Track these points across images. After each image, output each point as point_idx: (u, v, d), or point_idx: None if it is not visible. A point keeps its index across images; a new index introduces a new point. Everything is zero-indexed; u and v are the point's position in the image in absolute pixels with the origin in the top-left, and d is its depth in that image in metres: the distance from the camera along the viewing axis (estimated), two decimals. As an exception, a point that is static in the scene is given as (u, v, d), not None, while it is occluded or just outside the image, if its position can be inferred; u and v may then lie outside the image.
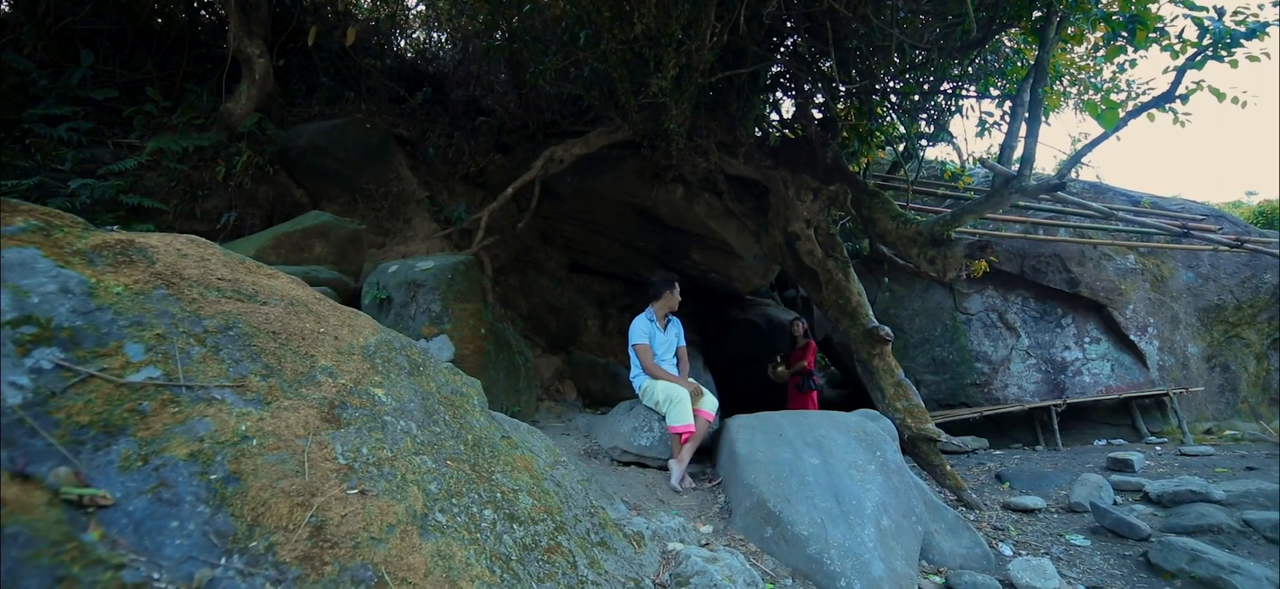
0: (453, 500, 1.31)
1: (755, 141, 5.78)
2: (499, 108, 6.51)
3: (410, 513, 1.14)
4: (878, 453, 3.20)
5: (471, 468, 1.48)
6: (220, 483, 0.89)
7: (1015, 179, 4.01)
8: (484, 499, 1.40)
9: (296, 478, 0.99)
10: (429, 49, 7.05)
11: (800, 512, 2.74)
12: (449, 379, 1.74)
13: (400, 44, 7.17)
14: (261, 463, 0.97)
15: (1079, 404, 6.39)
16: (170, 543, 0.77)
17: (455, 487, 1.35)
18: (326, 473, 1.05)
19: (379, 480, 1.15)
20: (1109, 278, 6.79)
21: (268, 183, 4.37)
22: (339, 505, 1.01)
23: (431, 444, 1.42)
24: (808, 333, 6.53)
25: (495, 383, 3.60)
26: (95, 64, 4.27)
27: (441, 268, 3.50)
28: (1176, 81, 2.99)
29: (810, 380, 6.19)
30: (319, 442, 1.10)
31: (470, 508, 1.34)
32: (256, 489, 0.92)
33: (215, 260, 1.33)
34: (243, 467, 0.94)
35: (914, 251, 4.73)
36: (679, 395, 3.49)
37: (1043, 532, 3.55)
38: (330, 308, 1.56)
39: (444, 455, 1.42)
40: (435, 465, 1.35)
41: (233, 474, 0.92)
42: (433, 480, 1.30)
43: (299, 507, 0.95)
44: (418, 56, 6.90)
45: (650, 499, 3.18)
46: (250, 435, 1.00)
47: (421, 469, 1.30)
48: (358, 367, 1.43)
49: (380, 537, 1.03)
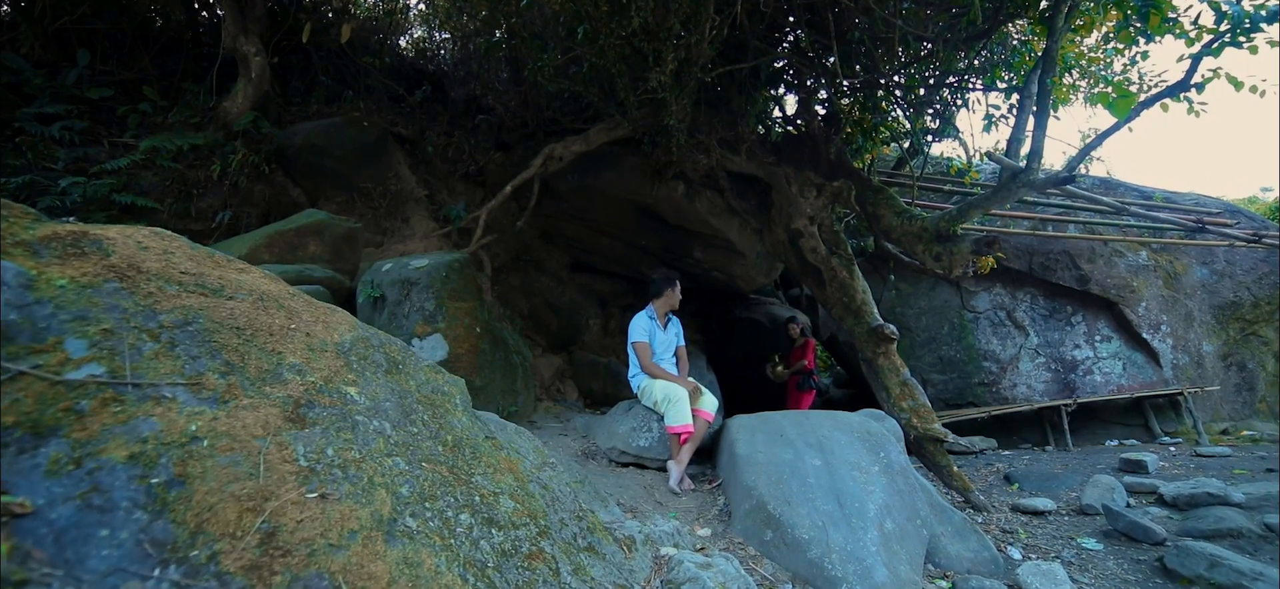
0: (426, 504, 1.24)
1: (757, 138, 5.70)
2: (499, 106, 6.47)
3: (376, 518, 1.08)
4: (881, 454, 3.11)
5: (449, 470, 1.41)
6: (162, 487, 0.83)
7: (1023, 173, 3.90)
8: (461, 503, 1.34)
9: (250, 481, 0.93)
10: (429, 48, 7.01)
11: (801, 514, 2.66)
12: (430, 378, 1.68)
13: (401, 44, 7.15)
14: (211, 465, 0.91)
15: (1090, 404, 6.25)
16: (96, 554, 0.71)
17: (429, 490, 1.29)
18: (284, 475, 0.99)
19: (343, 483, 1.08)
20: (1120, 275, 6.64)
21: (264, 182, 4.34)
22: (295, 510, 0.95)
23: (406, 445, 1.36)
24: (805, 331, 6.43)
25: (491, 382, 3.55)
26: (93, 64, 4.26)
27: (436, 266, 3.45)
28: (1192, 69, 2.89)
29: (810, 379, 6.10)
30: (279, 442, 1.04)
31: (445, 512, 1.28)
32: (203, 493, 0.86)
33: (180, 254, 1.28)
34: (190, 469, 0.88)
35: (919, 248, 4.63)
36: (677, 395, 3.42)
37: (1053, 535, 3.45)
38: (304, 304, 1.50)
39: (419, 457, 1.36)
40: (408, 468, 1.29)
41: (177, 477, 0.86)
42: (404, 483, 1.23)
43: (250, 511, 0.89)
44: (417, 55, 6.87)
45: (648, 501, 3.10)
46: (201, 436, 0.94)
47: (392, 472, 1.23)
48: (330, 364, 1.37)
49: (340, 543, 0.97)
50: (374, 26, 6.57)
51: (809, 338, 6.40)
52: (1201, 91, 2.99)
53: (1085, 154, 3.66)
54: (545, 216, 6.67)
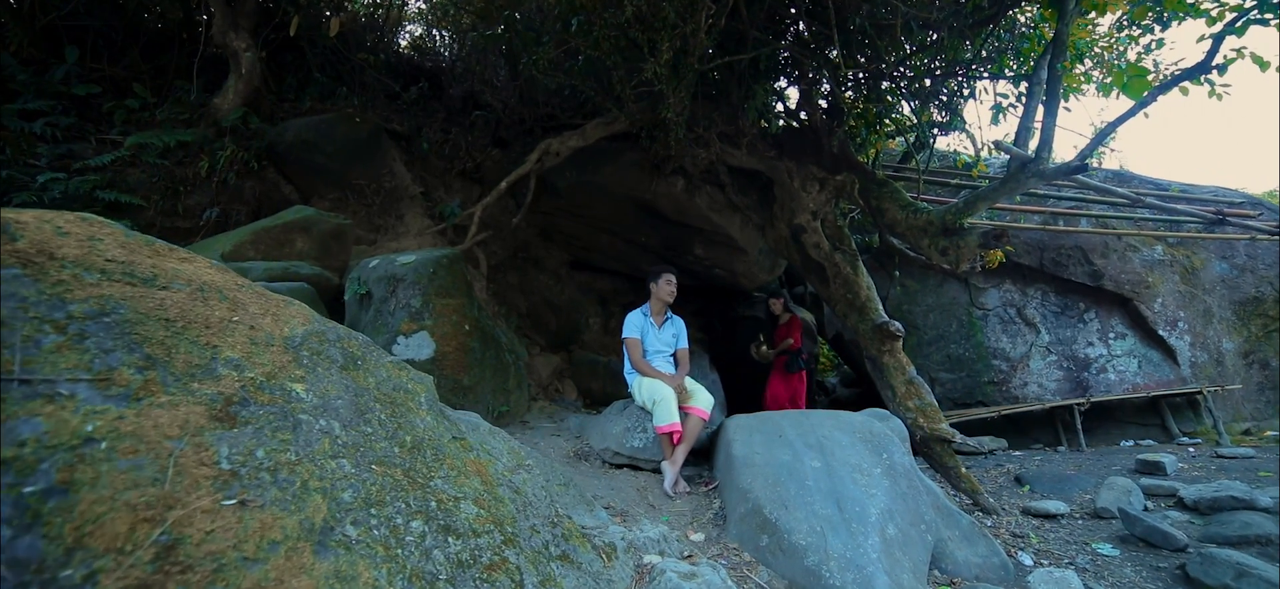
0: (371, 511, 1.14)
1: (758, 132, 5.57)
2: (496, 102, 6.39)
3: (305, 526, 0.97)
4: (884, 455, 2.98)
5: (404, 473, 1.31)
6: (37, 497, 0.73)
7: (1032, 162, 3.75)
8: (413, 509, 1.23)
9: (153, 487, 0.83)
10: (426, 44, 6.95)
11: (798, 519, 2.54)
12: (392, 375, 1.58)
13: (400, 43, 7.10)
14: (107, 471, 0.81)
15: (1104, 403, 6.06)
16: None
17: (377, 495, 1.18)
18: (198, 481, 0.89)
19: (270, 488, 0.98)
20: (1135, 270, 6.44)
21: (254, 179, 4.28)
22: (205, 520, 0.85)
23: (357, 447, 1.26)
24: (789, 306, 6.09)
25: (481, 381, 3.46)
26: (84, 61, 4.22)
27: (423, 262, 3.36)
28: (1213, 49, 2.73)
29: (799, 359, 5.73)
30: (198, 444, 0.94)
31: (394, 519, 1.17)
32: (89, 503, 0.76)
33: (109, 241, 1.18)
34: (78, 476, 0.78)
35: (925, 242, 4.49)
36: (663, 394, 3.30)
37: (1066, 539, 3.29)
38: (253, 296, 1.41)
39: (371, 459, 1.26)
40: (355, 471, 1.19)
41: (60, 485, 0.76)
42: (348, 488, 1.13)
43: (146, 522, 0.79)
44: (414, 51, 6.81)
45: (640, 504, 2.99)
46: (98, 437, 0.84)
47: (335, 475, 1.13)
48: (275, 359, 1.27)
49: (256, 556, 0.87)
50: (369, 23, 6.51)
51: (794, 314, 6.01)
52: (1223, 73, 2.83)
53: (1099, 142, 3.50)
54: (543, 214, 6.59)
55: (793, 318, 5.93)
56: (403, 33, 7.06)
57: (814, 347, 8.52)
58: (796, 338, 5.77)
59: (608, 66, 4.58)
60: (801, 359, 5.73)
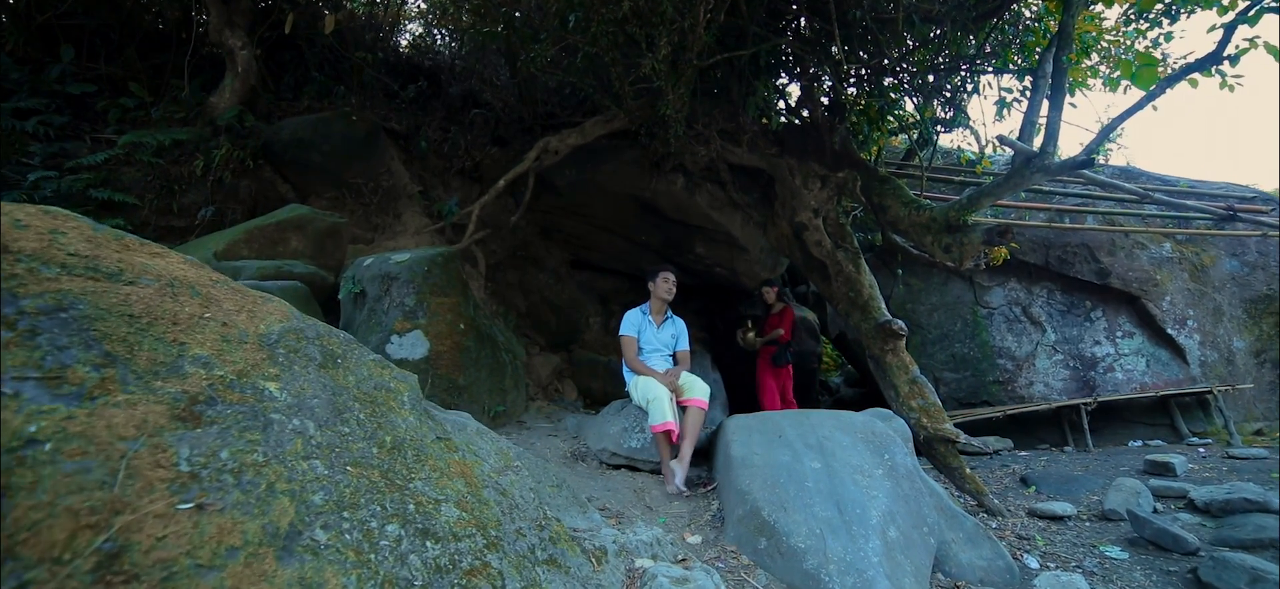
0: (344, 514, 1.09)
1: (759, 129, 5.51)
2: (496, 101, 6.36)
3: (269, 531, 0.93)
4: (886, 456, 2.92)
5: (382, 475, 1.26)
6: (-32, 501, 0.69)
7: (1037, 157, 3.68)
8: (390, 512, 1.18)
9: (100, 492, 0.79)
10: (425, 43, 6.92)
11: (797, 521, 2.48)
12: (374, 373, 1.53)
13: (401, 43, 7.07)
14: (49, 474, 0.77)
15: (1111, 403, 5.96)
16: None
17: (351, 498, 1.13)
18: (152, 483, 0.84)
19: (233, 491, 0.94)
20: (1143, 268, 6.34)
21: (250, 177, 4.25)
22: (156, 525, 0.80)
23: (332, 447, 1.21)
24: (784, 296, 5.81)
25: (476, 381, 3.41)
26: (80, 60, 4.21)
27: (417, 260, 3.32)
28: (1225, 38, 2.66)
29: (787, 352, 5.45)
30: (155, 445, 0.89)
31: (368, 523, 1.12)
32: (25, 510, 0.72)
33: (73, 235, 1.14)
34: (15, 480, 0.73)
35: (928, 239, 4.41)
36: (656, 393, 3.25)
37: (1073, 542, 3.22)
38: (229, 292, 1.36)
39: (346, 460, 1.21)
40: (329, 472, 1.14)
41: (-5, 488, 0.72)
42: (319, 490, 1.08)
43: (88, 529, 0.74)
44: (413, 51, 6.78)
45: (637, 506, 2.94)
46: (42, 439, 0.79)
47: (306, 477, 1.08)
48: (248, 357, 1.23)
49: (211, 563, 0.82)
50: (367, 23, 6.49)
51: (788, 305, 5.75)
52: (1235, 64, 2.76)
53: (1105, 135, 3.43)
54: (543, 212, 6.54)
55: (785, 309, 5.69)
56: (403, 32, 7.03)
57: (816, 346, 8.44)
58: (787, 329, 5.51)
59: (606, 63, 4.53)
60: (789, 352, 5.48)
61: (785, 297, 5.73)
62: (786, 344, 5.48)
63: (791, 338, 5.51)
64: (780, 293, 5.73)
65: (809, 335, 8.00)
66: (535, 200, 6.40)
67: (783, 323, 5.55)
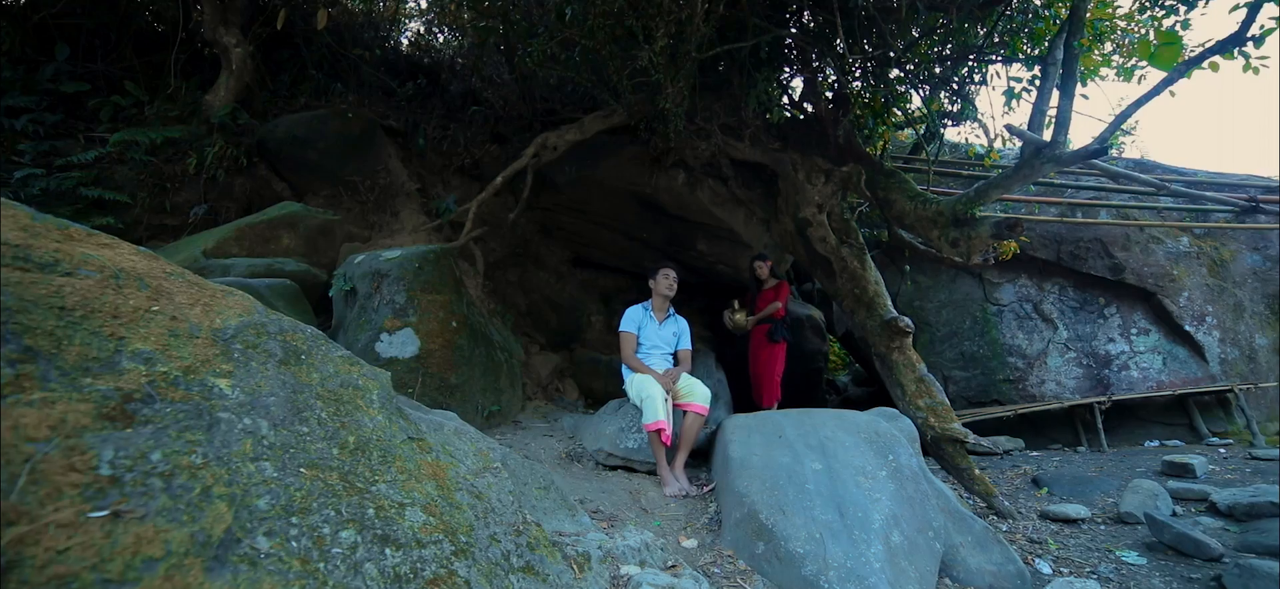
0: (292, 520, 1.02)
1: (762, 123, 5.40)
2: (496, 98, 6.30)
3: (198, 539, 0.85)
4: (890, 457, 2.81)
5: (341, 477, 1.18)
6: None
7: (1048, 147, 3.55)
8: (345, 517, 1.10)
9: (-1, 497, 0.71)
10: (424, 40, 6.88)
11: (796, 525, 2.38)
12: (341, 371, 1.45)
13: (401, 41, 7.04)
14: (-61, 477, 0.69)
15: (1126, 401, 5.79)
16: None
17: (302, 502, 1.06)
18: (61, 488, 0.77)
19: (159, 496, 0.86)
20: (1159, 263, 6.15)
21: (245, 175, 4.21)
22: (60, 535, 0.73)
23: (286, 447, 1.14)
24: (776, 272, 5.24)
25: (469, 380, 3.34)
26: (76, 60, 4.19)
27: (408, 257, 3.26)
28: (1250, 17, 2.52)
29: (782, 329, 4.89)
30: (71, 447, 0.82)
31: (319, 529, 1.05)
32: (-97, 516, 0.64)
33: (8, 224, 1.07)
34: (-104, 483, 0.66)
35: (935, 233, 4.29)
36: (651, 391, 3.16)
37: (1087, 546, 3.09)
38: (184, 285, 1.29)
39: (300, 462, 1.13)
40: (278, 475, 1.06)
41: None
42: (264, 494, 1.01)
43: (-22, 540, 0.67)
44: (413, 48, 6.74)
45: (631, 508, 2.85)
46: (-65, 438, 0.72)
47: (250, 479, 1.01)
48: (199, 352, 1.16)
49: (122, 577, 0.75)
50: (367, 21, 6.46)
51: (783, 280, 5.13)
52: (1260, 45, 2.62)
53: (1121, 121, 3.30)
54: (544, 210, 6.48)
55: (781, 283, 5.08)
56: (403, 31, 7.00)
57: (822, 344, 8.29)
58: (784, 304, 4.96)
59: (603, 57, 4.46)
60: (785, 329, 4.91)
61: (778, 272, 5.17)
62: (781, 321, 4.92)
63: (786, 315, 4.94)
64: (773, 268, 5.16)
65: (815, 334, 7.88)
66: (535, 198, 6.34)
67: (778, 296, 5.00)
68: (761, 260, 5.26)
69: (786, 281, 5.06)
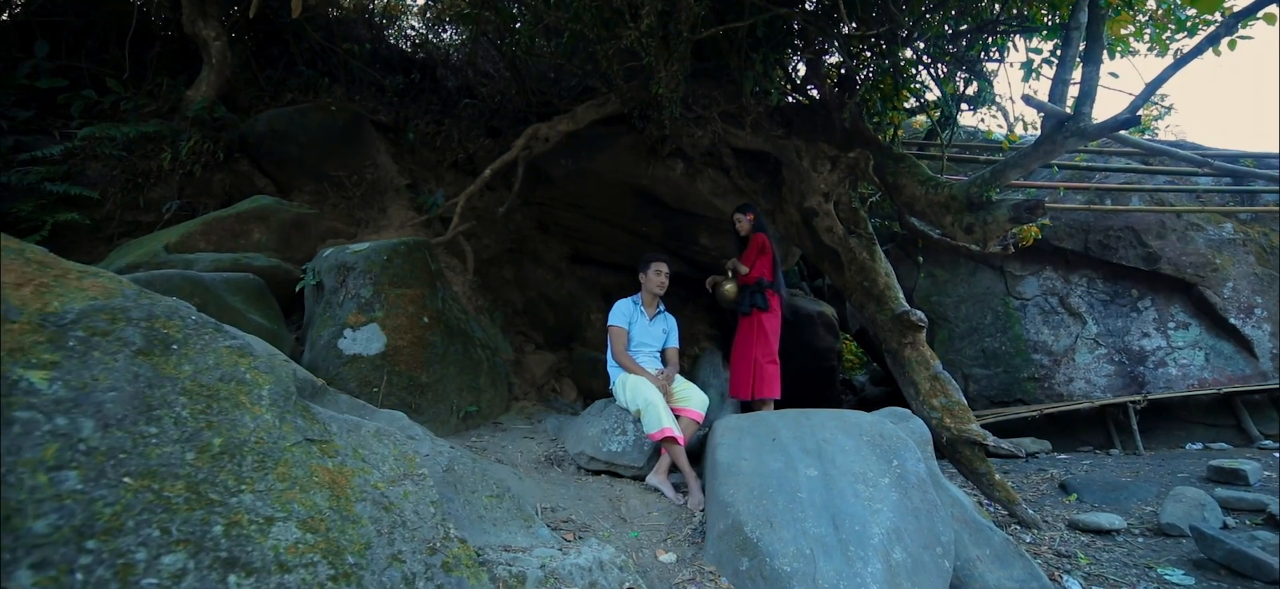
0: (87, 544, 0.81)
1: (764, 109, 5.14)
2: (494, 91, 6.15)
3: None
4: (895, 462, 2.53)
5: (189, 487, 0.98)
6: None
7: (1071, 119, 3.22)
8: (177, 537, 0.89)
9: None
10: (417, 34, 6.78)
11: (785, 539, 2.12)
12: (226, 362, 1.25)
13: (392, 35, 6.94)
14: None
15: (1164, 401, 5.36)
16: None
17: (112, 520, 0.85)
18: None
19: None
20: (1199, 251, 5.71)
21: (224, 171, 4.10)
22: None
23: (113, 453, 0.93)
24: (758, 226, 4.16)
25: (443, 378, 3.15)
26: (58, 57, 4.13)
27: (376, 250, 3.08)
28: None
29: (761, 295, 3.84)
30: None
31: (131, 553, 0.84)
32: None
33: None
34: None
35: (948, 219, 3.97)
36: (651, 396, 2.92)
37: (1123, 561, 2.76)
38: (19, 263, 1.11)
39: (128, 470, 0.93)
40: (83, 487, 0.86)
41: None
42: (52, 513, 0.80)
43: None
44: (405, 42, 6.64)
45: (609, 517, 2.62)
46: None
47: (32, 494, 0.80)
48: (12, 340, 0.96)
49: None
50: (363, 17, 6.37)
51: (763, 233, 4.04)
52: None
53: (1157, 85, 2.96)
54: (540, 205, 6.30)
55: (759, 237, 3.99)
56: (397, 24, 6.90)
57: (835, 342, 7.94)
58: (768, 267, 3.91)
59: (590, 39, 4.25)
60: (758, 296, 3.84)
61: (763, 228, 4.13)
62: (766, 285, 3.87)
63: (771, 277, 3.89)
64: (755, 224, 4.15)
65: (826, 331, 7.54)
66: (532, 193, 6.16)
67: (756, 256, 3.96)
68: (742, 212, 4.22)
69: (767, 239, 3.99)
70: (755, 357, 3.76)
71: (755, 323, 3.84)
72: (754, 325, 3.84)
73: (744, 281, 3.92)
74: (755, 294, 3.86)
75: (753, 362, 3.76)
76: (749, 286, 3.90)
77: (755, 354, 3.76)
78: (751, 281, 3.89)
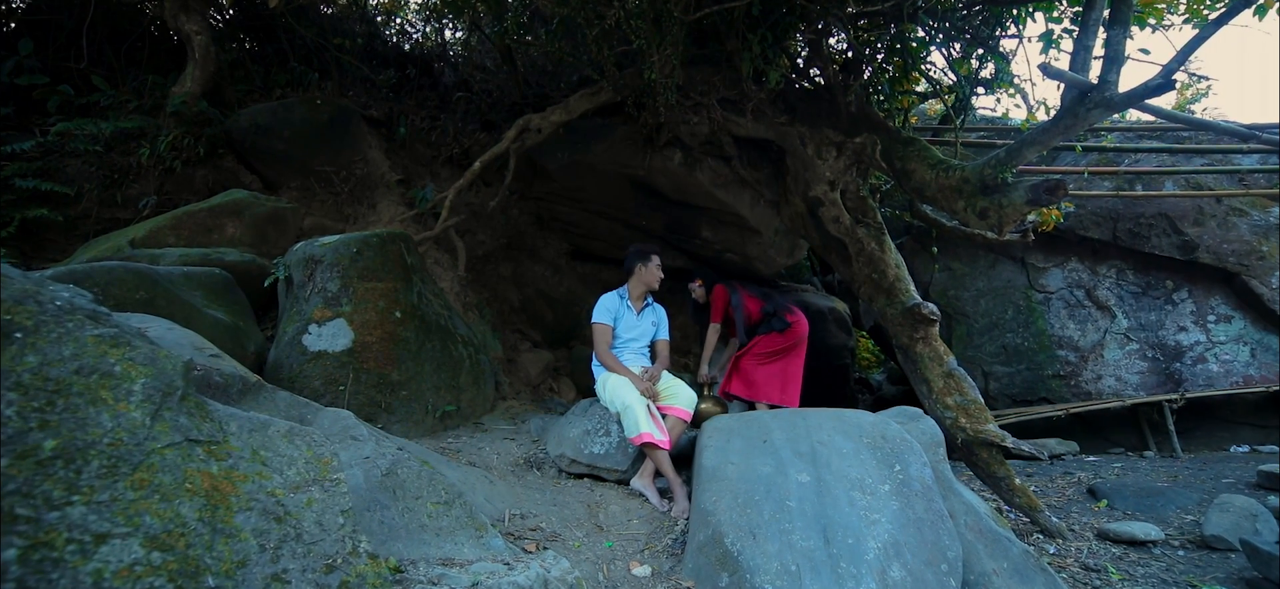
0: None
1: (765, 95, 4.90)
2: (486, 86, 6.03)
3: None
4: (897, 468, 2.29)
5: None
6: None
7: (1095, 90, 2.93)
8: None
9: None
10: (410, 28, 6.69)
11: (768, 554, 1.90)
12: (91, 352, 1.09)
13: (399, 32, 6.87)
14: None
15: (1204, 399, 4.97)
16: None
17: None
18: None
19: None
20: (1242, 238, 5.29)
21: (207, 167, 4.02)
22: None
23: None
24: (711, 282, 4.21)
25: (417, 376, 2.99)
26: (45, 55, 4.10)
27: (345, 242, 2.94)
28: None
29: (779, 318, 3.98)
30: None
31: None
32: None
33: None
34: None
35: (960, 204, 3.68)
36: (629, 400, 2.72)
37: (1162, 577, 2.47)
38: None
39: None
40: None
41: None
42: None
43: None
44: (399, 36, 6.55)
45: (584, 525, 2.42)
46: None
47: None
48: None
49: None
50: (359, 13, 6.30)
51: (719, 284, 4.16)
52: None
53: (1193, 49, 2.67)
54: (537, 200, 6.14)
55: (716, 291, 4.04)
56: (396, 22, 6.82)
57: (848, 340, 7.62)
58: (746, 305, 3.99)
59: (578, 23, 4.08)
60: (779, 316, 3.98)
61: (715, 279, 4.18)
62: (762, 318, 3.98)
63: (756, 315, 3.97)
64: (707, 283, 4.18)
65: (838, 328, 7.25)
66: (528, 187, 6.01)
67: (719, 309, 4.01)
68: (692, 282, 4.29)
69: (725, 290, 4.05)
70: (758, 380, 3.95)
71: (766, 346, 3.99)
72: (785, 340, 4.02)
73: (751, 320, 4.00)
74: (773, 320, 4.02)
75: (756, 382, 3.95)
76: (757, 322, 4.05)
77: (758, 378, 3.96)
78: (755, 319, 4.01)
